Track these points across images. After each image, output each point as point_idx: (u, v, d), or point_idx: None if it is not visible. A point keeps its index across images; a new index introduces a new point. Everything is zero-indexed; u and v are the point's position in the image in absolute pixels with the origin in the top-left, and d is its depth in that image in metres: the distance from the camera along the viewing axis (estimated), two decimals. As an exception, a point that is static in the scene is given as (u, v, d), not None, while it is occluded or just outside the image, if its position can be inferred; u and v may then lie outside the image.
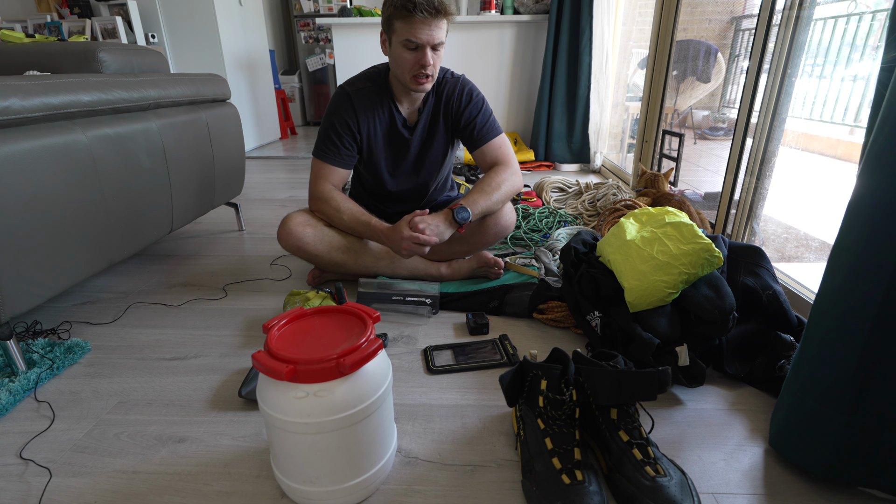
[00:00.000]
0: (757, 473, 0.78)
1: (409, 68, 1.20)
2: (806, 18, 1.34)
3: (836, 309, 0.69)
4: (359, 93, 1.31)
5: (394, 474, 0.78)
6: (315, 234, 1.32)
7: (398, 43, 1.18)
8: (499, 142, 1.37)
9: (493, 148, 1.37)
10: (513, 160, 1.37)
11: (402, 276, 1.42)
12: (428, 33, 1.15)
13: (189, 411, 0.94)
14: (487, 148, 1.36)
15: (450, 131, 1.39)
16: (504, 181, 1.32)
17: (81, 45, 1.37)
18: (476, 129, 1.35)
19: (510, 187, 1.34)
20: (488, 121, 1.37)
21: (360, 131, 1.32)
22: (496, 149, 1.37)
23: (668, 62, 2.22)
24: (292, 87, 5.17)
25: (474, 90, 1.38)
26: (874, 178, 0.63)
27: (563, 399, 0.74)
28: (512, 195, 1.36)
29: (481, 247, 1.43)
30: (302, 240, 1.30)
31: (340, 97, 1.32)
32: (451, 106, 1.35)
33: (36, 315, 1.32)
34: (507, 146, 1.39)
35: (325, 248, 1.32)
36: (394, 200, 1.49)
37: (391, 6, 1.16)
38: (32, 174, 0.98)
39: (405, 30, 1.15)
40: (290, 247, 1.32)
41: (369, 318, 0.72)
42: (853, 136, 2.51)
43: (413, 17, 1.13)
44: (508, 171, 1.34)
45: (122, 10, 3.11)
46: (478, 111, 1.36)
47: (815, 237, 1.96)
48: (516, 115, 3.41)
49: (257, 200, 2.47)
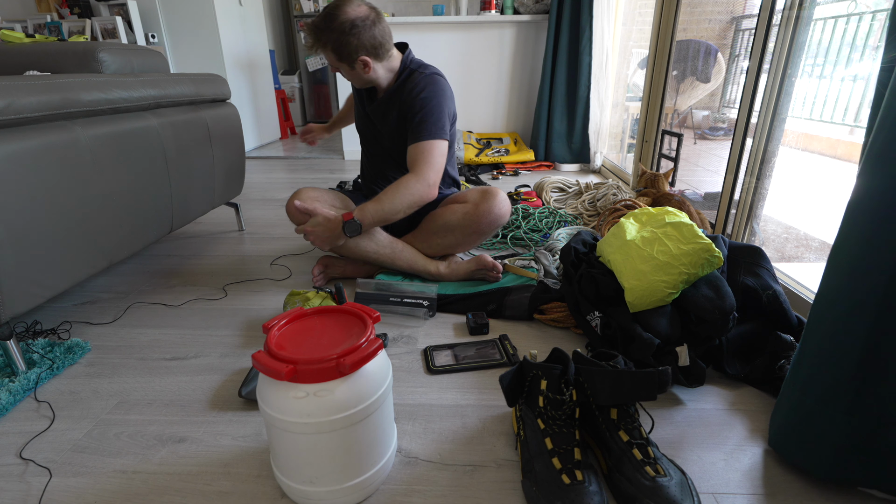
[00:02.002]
0: (757, 473, 0.78)
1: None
2: (806, 18, 1.34)
3: (836, 309, 0.69)
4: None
5: (394, 474, 0.78)
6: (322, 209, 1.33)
7: None
8: (426, 147, 1.30)
9: (415, 149, 1.31)
10: (426, 169, 1.29)
11: (400, 269, 1.43)
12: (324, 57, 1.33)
13: (189, 411, 0.94)
14: (414, 148, 1.32)
15: (402, 118, 1.38)
16: (405, 190, 1.27)
17: (81, 45, 1.37)
18: (413, 123, 1.33)
19: (411, 197, 1.28)
20: (428, 119, 1.31)
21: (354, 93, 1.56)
22: (417, 153, 1.31)
23: (668, 62, 2.22)
24: (292, 87, 5.17)
25: (432, 91, 1.34)
26: (874, 178, 0.63)
27: (563, 399, 0.74)
28: (414, 206, 1.29)
29: (475, 237, 1.42)
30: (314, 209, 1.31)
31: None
32: (403, 97, 1.36)
33: (36, 315, 1.32)
34: (430, 152, 1.30)
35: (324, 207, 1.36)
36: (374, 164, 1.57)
37: None
38: (32, 174, 0.98)
39: None
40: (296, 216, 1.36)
41: (369, 318, 0.72)
42: (853, 136, 2.51)
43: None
44: (414, 178, 1.28)
45: (122, 10, 3.11)
46: (419, 109, 1.32)
47: (815, 237, 1.96)
48: (516, 115, 3.41)
49: (257, 200, 2.47)
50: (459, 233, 1.41)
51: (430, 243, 1.45)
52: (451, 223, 1.40)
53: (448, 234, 1.41)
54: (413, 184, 1.27)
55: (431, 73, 1.37)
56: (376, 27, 1.28)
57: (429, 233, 1.45)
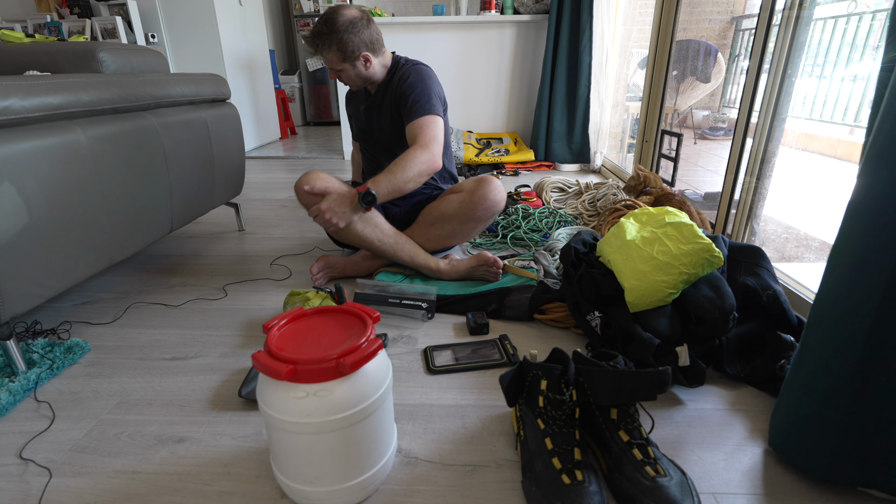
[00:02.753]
0: (757, 473, 0.78)
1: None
2: (806, 18, 1.34)
3: (836, 309, 0.69)
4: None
5: (394, 474, 0.78)
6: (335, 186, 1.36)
7: None
8: (423, 121, 1.37)
9: (415, 126, 1.38)
10: (430, 141, 1.35)
11: (401, 260, 1.44)
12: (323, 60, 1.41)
13: (189, 411, 0.94)
14: (411, 126, 1.39)
15: (395, 107, 1.46)
16: (413, 160, 1.31)
17: (81, 45, 1.37)
18: (406, 107, 1.40)
19: (419, 166, 1.32)
20: (419, 101, 1.39)
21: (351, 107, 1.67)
22: (418, 127, 1.37)
23: (668, 62, 2.22)
24: (292, 87, 5.18)
25: (418, 74, 1.43)
26: (874, 178, 0.63)
27: (563, 399, 0.74)
28: (423, 175, 1.34)
29: (473, 224, 1.45)
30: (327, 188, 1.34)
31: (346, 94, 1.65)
32: (393, 86, 1.46)
33: (36, 315, 1.32)
34: (430, 127, 1.38)
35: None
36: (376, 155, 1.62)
37: None
38: (32, 174, 0.98)
39: None
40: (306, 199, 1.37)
41: (369, 318, 0.72)
42: (853, 136, 2.50)
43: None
44: (419, 149, 1.33)
45: (122, 10, 3.11)
46: (411, 91, 1.40)
47: (815, 237, 1.96)
48: (516, 115, 3.41)
49: (257, 200, 2.47)
50: (456, 221, 1.43)
51: (429, 235, 1.47)
52: (448, 213, 1.43)
53: (445, 224, 1.44)
54: (419, 153, 1.33)
55: (416, 64, 1.48)
56: (371, 25, 1.40)
57: (426, 225, 1.47)
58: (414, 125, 1.38)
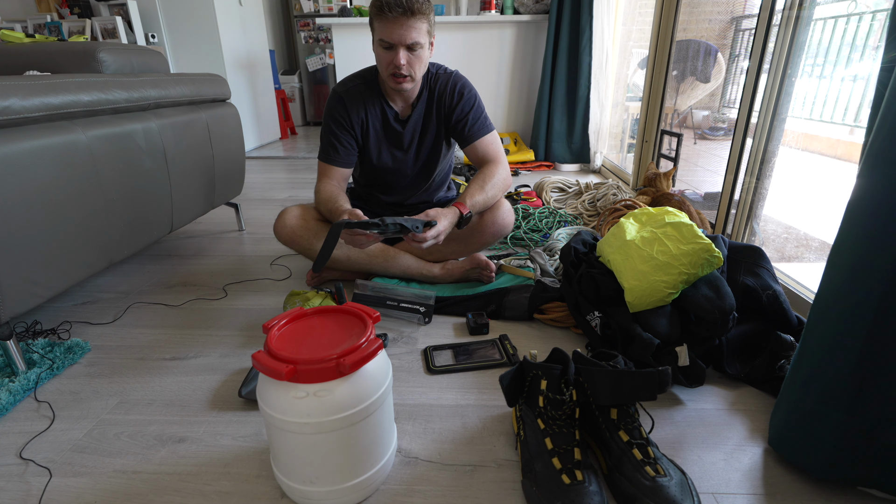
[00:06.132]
0: (757, 473, 0.78)
1: (385, 67, 1.24)
2: (806, 18, 1.34)
3: (836, 309, 0.69)
4: (349, 91, 1.34)
5: (394, 474, 0.78)
6: (308, 229, 1.34)
7: (376, 42, 1.23)
8: (490, 138, 1.39)
9: (484, 144, 1.38)
10: (503, 157, 1.40)
11: (394, 275, 1.42)
12: (399, 33, 1.17)
13: (189, 411, 0.94)
14: (479, 144, 1.38)
15: (442, 126, 1.40)
16: (498, 177, 1.34)
17: (81, 45, 1.37)
18: (468, 126, 1.37)
19: (503, 183, 1.36)
20: (480, 117, 1.38)
21: (354, 128, 1.35)
22: (488, 145, 1.38)
23: (668, 62, 2.22)
24: (292, 87, 5.17)
25: (467, 86, 1.38)
26: (874, 178, 0.63)
27: (563, 399, 0.74)
28: (505, 191, 1.38)
29: (479, 247, 1.43)
30: (296, 233, 1.34)
31: (333, 99, 1.36)
32: (444, 101, 1.37)
33: (36, 315, 1.32)
34: (497, 142, 1.41)
35: (318, 242, 1.34)
36: (391, 191, 1.51)
37: (370, 6, 1.21)
38: (32, 174, 0.98)
39: (380, 29, 1.19)
40: (284, 238, 1.36)
41: (369, 318, 0.72)
42: (853, 136, 2.50)
43: (385, 17, 1.16)
44: (499, 167, 1.36)
45: (122, 10, 3.11)
46: (470, 107, 1.37)
47: (815, 237, 1.96)
48: (516, 115, 3.41)
49: (257, 200, 2.47)
50: (463, 242, 1.41)
51: (430, 249, 1.41)
52: (455, 233, 1.35)
53: (451, 243, 1.40)
54: (502, 171, 1.36)
55: (453, 72, 1.39)
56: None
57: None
58: (483, 143, 1.37)
